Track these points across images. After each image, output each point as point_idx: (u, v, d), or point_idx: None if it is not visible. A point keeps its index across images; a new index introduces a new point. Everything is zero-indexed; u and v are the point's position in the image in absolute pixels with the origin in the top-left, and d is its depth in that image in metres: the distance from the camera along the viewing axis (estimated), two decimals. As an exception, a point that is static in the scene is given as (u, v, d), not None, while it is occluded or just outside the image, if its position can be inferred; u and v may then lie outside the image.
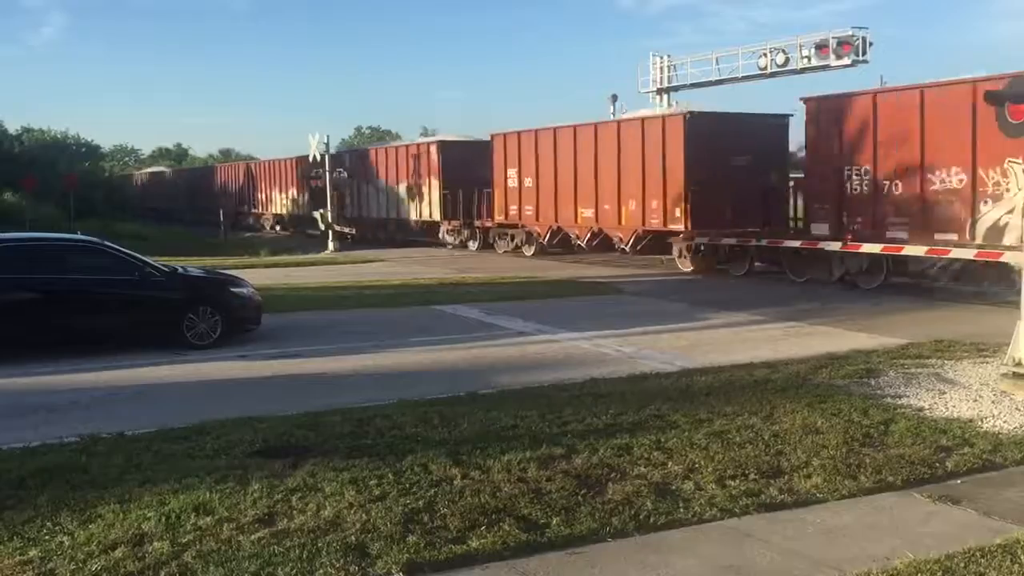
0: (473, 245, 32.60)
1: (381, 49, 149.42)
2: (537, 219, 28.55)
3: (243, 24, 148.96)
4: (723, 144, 22.48)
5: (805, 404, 8.63)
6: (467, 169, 32.11)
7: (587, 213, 26.23)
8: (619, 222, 24.94)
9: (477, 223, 31.95)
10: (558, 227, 27.64)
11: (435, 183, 33.66)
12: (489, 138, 31.39)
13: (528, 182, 28.69)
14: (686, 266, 23.27)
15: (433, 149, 34.12)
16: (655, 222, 23.72)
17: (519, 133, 29.40)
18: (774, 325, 14.45)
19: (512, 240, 30.42)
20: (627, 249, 25.04)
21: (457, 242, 33.14)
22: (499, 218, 30.41)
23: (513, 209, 29.57)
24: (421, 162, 34.39)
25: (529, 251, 29.45)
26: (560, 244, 28.39)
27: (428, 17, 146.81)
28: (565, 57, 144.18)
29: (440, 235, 33.69)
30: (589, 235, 26.34)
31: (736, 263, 22.18)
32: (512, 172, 29.22)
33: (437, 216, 33.59)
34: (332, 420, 8.29)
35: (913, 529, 5.78)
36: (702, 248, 22.79)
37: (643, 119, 24.95)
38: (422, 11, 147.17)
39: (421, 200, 34.50)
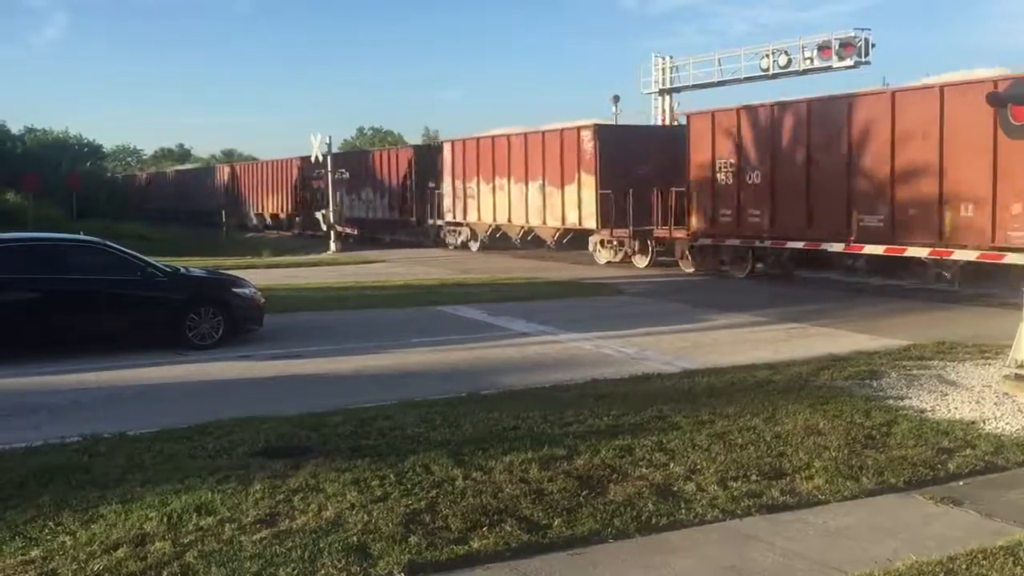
0: (642, 262, 24.57)
1: (382, 49, 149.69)
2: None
3: (245, 24, 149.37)
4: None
5: (807, 405, 8.63)
6: (627, 162, 25.23)
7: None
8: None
9: (660, 232, 23.53)
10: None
11: (588, 180, 26.10)
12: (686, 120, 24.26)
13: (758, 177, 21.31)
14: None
15: (587, 136, 26.29)
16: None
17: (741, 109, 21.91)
18: (776, 326, 14.44)
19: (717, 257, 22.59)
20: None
21: (618, 259, 25.44)
22: (702, 225, 22.52)
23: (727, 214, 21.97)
24: (566, 153, 26.89)
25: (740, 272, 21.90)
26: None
27: (429, 17, 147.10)
28: (567, 57, 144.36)
29: (591, 248, 26.46)
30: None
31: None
32: (722, 163, 21.83)
33: (592, 223, 26.02)
34: (334, 420, 8.30)
35: (915, 531, 5.77)
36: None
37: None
38: (423, 11, 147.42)
39: (563, 202, 27.15)
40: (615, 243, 25.64)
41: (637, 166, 25.01)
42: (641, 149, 25.84)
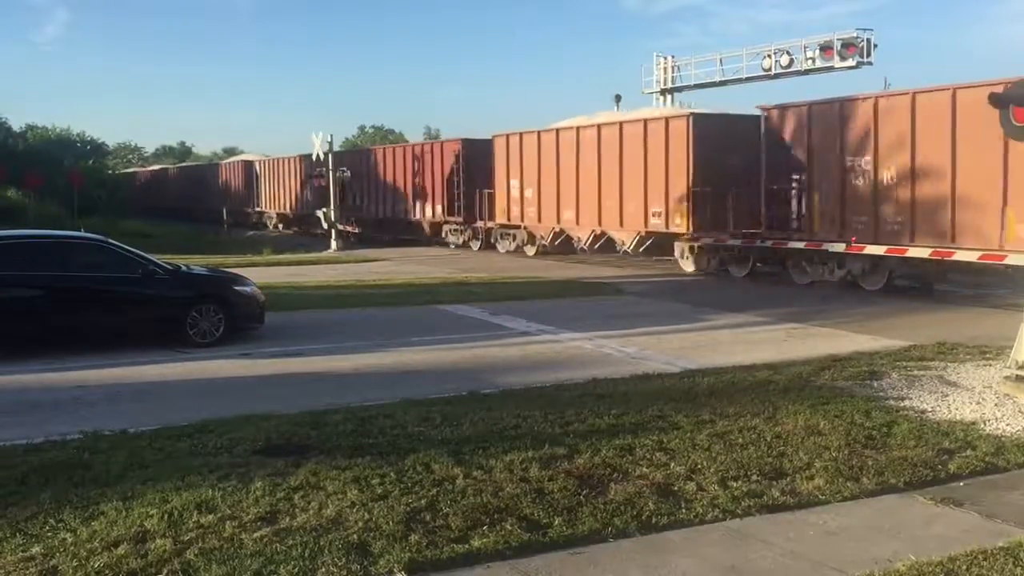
0: (740, 271, 22.10)
1: (383, 47, 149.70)
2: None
3: (246, 22, 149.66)
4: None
5: (807, 406, 8.62)
6: (722, 157, 21.99)
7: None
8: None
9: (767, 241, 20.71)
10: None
11: (678, 177, 22.63)
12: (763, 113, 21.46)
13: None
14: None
15: (679, 127, 22.91)
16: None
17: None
18: (776, 326, 14.44)
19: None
20: None
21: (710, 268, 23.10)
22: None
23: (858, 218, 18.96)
24: (651, 147, 23.48)
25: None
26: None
27: (430, 15, 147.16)
28: (569, 57, 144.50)
29: (678, 254, 23.84)
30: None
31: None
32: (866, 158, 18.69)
33: (679, 224, 22.69)
34: (335, 419, 8.30)
35: (915, 531, 5.77)
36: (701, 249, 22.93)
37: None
38: (424, 10, 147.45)
39: (645, 203, 23.68)
40: (707, 250, 22.75)
41: (728, 160, 21.86)
42: (731, 142, 22.11)
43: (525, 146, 28.62)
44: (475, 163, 31.52)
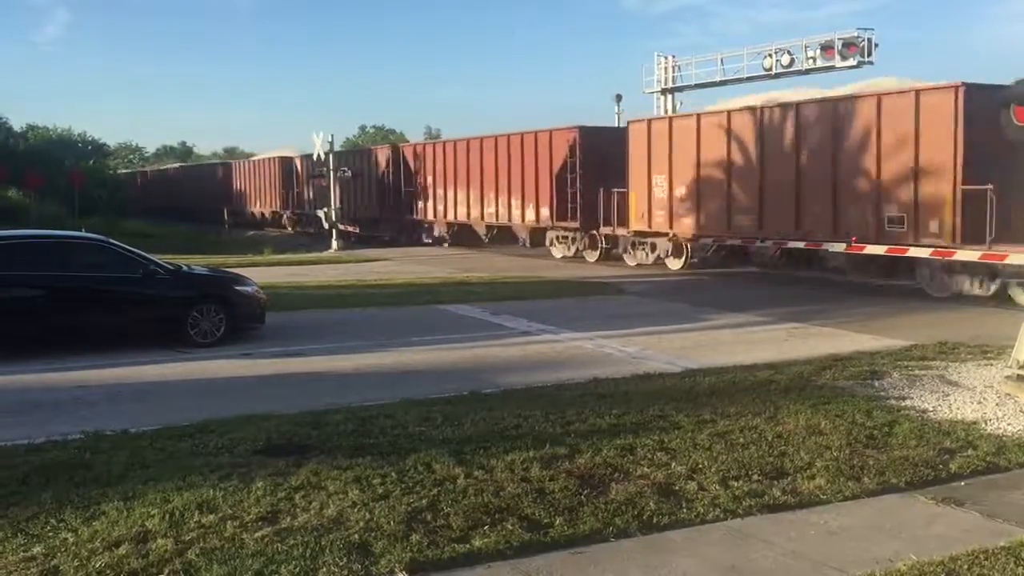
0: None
1: (383, 47, 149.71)
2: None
3: (246, 22, 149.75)
4: None
5: (809, 405, 8.62)
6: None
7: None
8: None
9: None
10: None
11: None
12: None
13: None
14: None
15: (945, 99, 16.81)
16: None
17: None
18: (777, 326, 14.43)
19: None
20: None
21: None
22: None
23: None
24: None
25: None
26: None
27: (430, 15, 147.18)
28: (569, 57, 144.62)
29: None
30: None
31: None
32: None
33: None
34: (335, 419, 8.30)
35: (916, 531, 5.77)
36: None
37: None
38: (424, 9, 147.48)
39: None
40: None
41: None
42: None
43: (677, 131, 22.91)
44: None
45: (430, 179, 33.85)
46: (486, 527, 5.70)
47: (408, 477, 6.60)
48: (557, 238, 28.18)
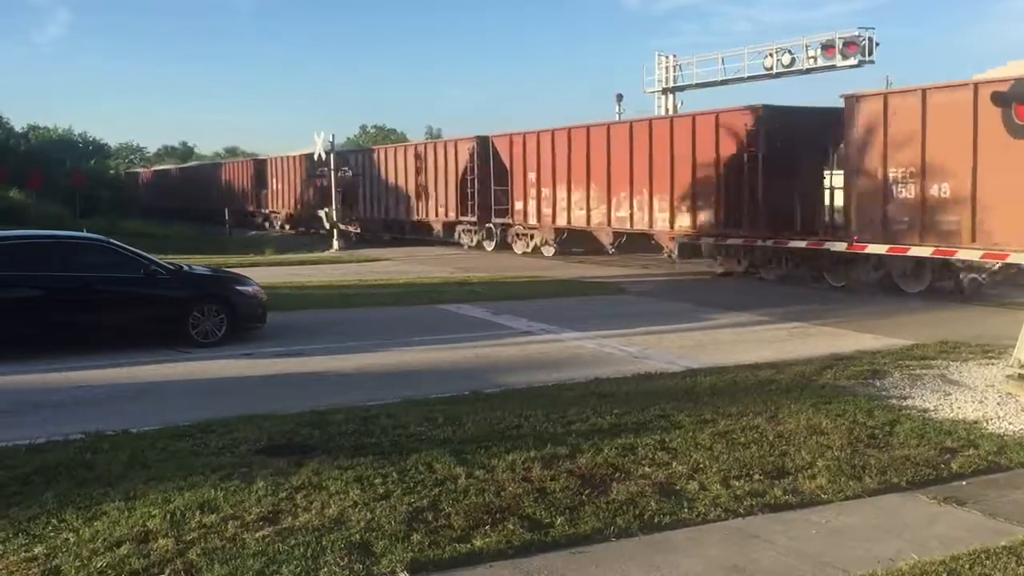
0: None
1: (384, 47, 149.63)
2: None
3: (248, 22, 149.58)
4: None
5: (810, 405, 8.62)
6: None
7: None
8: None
9: None
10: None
11: None
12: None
13: None
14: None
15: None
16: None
17: None
18: (778, 326, 14.42)
19: None
20: None
21: None
22: None
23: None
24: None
25: None
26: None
27: (431, 15, 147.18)
28: (570, 56, 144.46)
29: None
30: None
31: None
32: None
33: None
34: (337, 418, 8.30)
35: (918, 530, 5.77)
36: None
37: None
38: (424, 9, 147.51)
39: None
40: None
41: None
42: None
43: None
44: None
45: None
46: (487, 527, 5.69)
47: (409, 477, 6.60)
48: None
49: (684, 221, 22.90)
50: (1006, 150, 15.65)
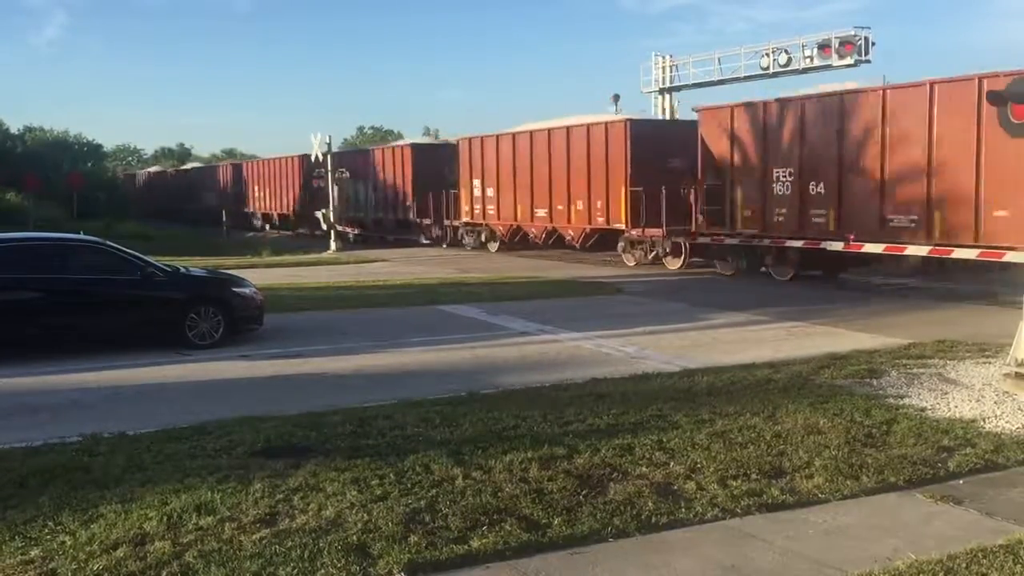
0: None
1: (382, 48, 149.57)
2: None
3: (244, 24, 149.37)
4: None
5: (807, 404, 8.62)
6: None
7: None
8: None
9: None
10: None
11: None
12: None
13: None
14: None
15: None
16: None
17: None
18: (776, 325, 14.43)
19: None
20: None
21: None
22: None
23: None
24: None
25: None
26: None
27: (429, 16, 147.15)
28: (567, 56, 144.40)
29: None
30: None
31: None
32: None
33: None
34: (334, 420, 8.29)
35: (915, 529, 5.77)
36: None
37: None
38: (423, 10, 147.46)
39: None
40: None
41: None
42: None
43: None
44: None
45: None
46: (484, 528, 5.69)
47: (406, 478, 6.59)
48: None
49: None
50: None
